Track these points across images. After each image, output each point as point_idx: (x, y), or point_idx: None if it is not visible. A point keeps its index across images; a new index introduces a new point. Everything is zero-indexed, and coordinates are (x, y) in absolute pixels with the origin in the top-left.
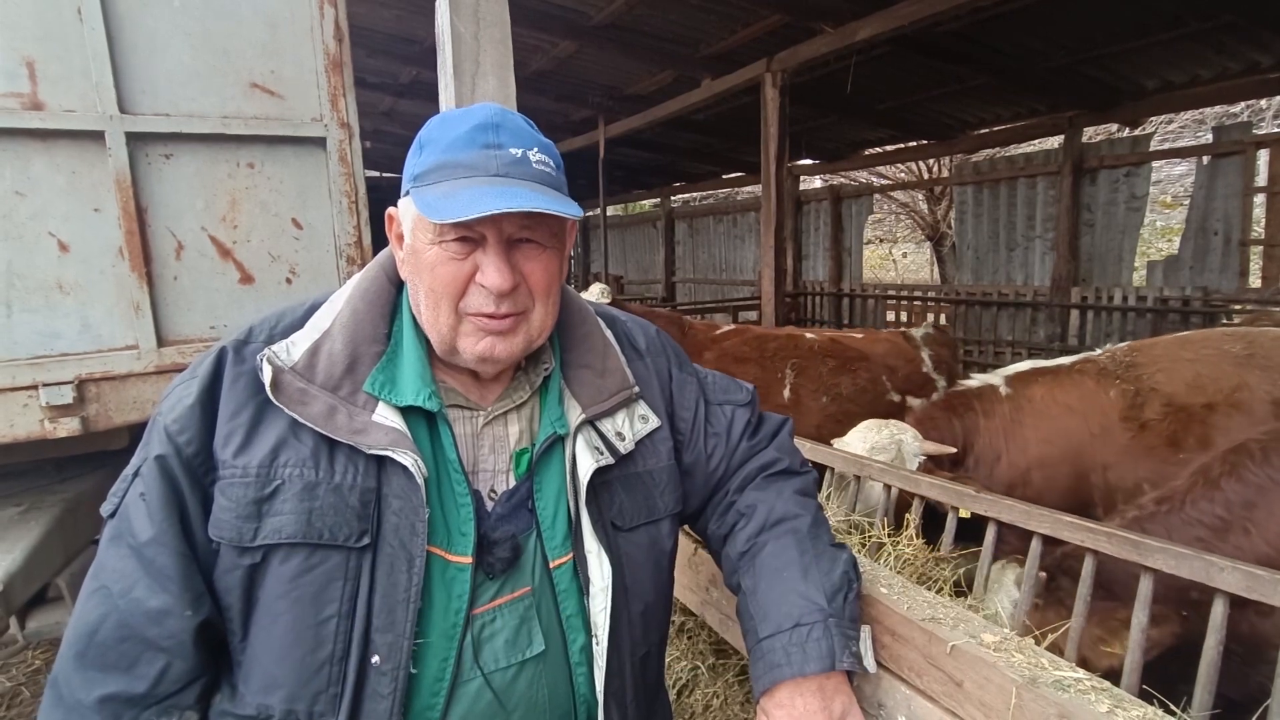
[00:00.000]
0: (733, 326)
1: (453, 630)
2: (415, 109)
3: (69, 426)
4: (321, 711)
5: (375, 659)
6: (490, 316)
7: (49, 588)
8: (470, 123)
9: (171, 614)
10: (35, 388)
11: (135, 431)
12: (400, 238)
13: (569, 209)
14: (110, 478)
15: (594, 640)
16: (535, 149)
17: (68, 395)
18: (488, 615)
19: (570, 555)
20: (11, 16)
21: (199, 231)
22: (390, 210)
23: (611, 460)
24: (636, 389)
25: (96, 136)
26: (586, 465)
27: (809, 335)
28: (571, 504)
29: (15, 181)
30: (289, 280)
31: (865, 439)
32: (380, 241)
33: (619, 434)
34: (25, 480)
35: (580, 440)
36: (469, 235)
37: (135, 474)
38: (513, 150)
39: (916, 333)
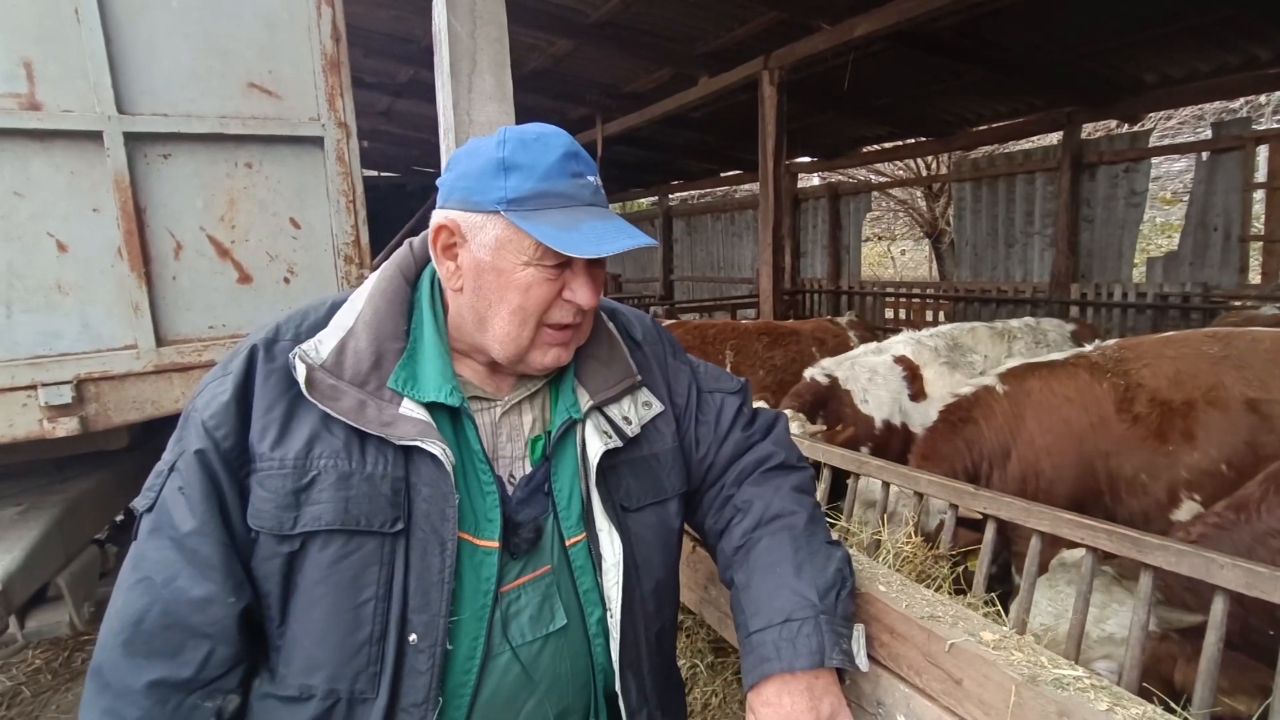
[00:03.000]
0: (673, 321)
1: (482, 610)
2: (413, 108)
3: (68, 426)
4: (363, 689)
5: (413, 637)
6: (569, 328)
7: (48, 587)
8: (557, 150)
9: (215, 601)
10: (34, 387)
11: (134, 431)
12: (451, 249)
13: (655, 241)
14: (110, 477)
15: (609, 613)
16: (596, 175)
17: (67, 395)
18: (513, 593)
19: (584, 534)
20: (9, 18)
21: (197, 231)
22: (443, 221)
23: (620, 443)
24: (640, 377)
25: (95, 137)
26: (595, 448)
27: (744, 322)
28: (583, 486)
29: (14, 182)
30: (287, 280)
31: None
32: (378, 240)
33: (625, 419)
34: (25, 480)
35: (589, 425)
36: (563, 259)
37: (171, 469)
38: (590, 178)
39: (841, 319)
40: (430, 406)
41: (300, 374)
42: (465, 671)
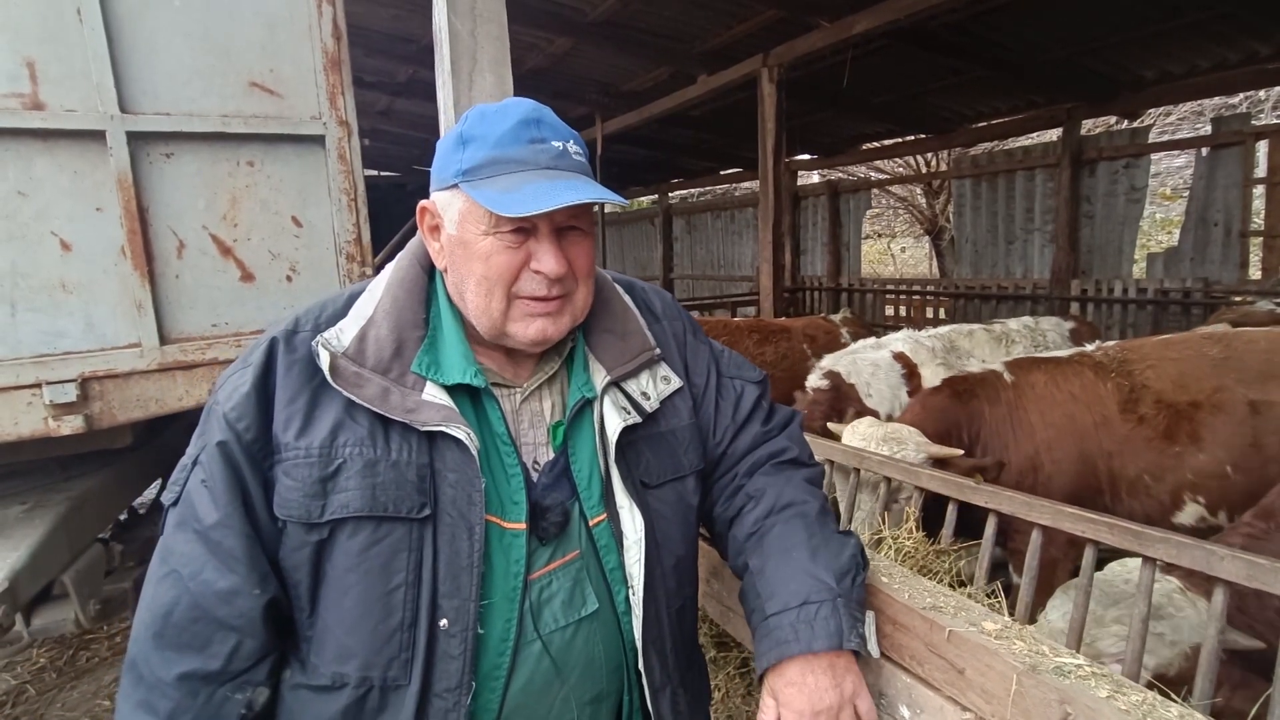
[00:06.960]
0: None
1: (513, 593)
2: (413, 108)
3: (73, 424)
4: (395, 676)
5: (444, 623)
6: (543, 299)
7: (53, 585)
8: (513, 118)
9: (240, 593)
10: (39, 386)
11: (138, 429)
12: (435, 229)
13: (619, 197)
14: (114, 475)
15: (631, 590)
16: (570, 141)
17: (71, 393)
18: (544, 579)
19: (605, 514)
20: (12, 18)
21: (200, 230)
22: (424, 203)
23: (638, 419)
24: (658, 351)
25: (98, 136)
26: (614, 425)
27: (735, 319)
28: (602, 464)
29: (18, 181)
30: (289, 278)
31: (863, 437)
32: (379, 239)
33: (644, 394)
34: (30, 478)
35: (607, 401)
36: (523, 225)
37: (194, 462)
38: (555, 143)
39: (835, 316)
40: (452, 391)
41: (324, 361)
42: (499, 654)
